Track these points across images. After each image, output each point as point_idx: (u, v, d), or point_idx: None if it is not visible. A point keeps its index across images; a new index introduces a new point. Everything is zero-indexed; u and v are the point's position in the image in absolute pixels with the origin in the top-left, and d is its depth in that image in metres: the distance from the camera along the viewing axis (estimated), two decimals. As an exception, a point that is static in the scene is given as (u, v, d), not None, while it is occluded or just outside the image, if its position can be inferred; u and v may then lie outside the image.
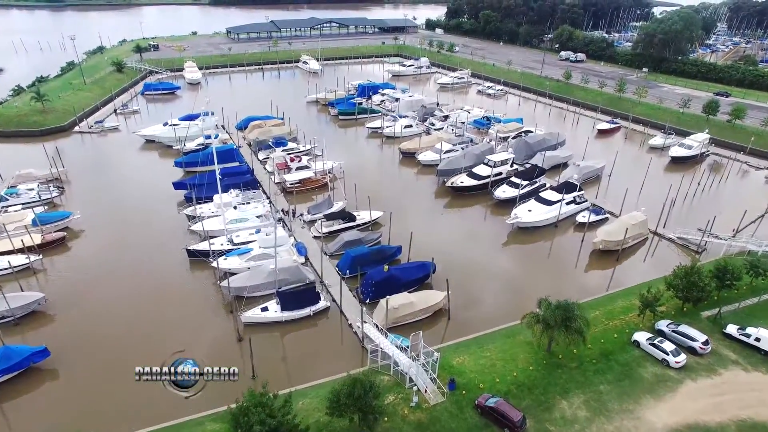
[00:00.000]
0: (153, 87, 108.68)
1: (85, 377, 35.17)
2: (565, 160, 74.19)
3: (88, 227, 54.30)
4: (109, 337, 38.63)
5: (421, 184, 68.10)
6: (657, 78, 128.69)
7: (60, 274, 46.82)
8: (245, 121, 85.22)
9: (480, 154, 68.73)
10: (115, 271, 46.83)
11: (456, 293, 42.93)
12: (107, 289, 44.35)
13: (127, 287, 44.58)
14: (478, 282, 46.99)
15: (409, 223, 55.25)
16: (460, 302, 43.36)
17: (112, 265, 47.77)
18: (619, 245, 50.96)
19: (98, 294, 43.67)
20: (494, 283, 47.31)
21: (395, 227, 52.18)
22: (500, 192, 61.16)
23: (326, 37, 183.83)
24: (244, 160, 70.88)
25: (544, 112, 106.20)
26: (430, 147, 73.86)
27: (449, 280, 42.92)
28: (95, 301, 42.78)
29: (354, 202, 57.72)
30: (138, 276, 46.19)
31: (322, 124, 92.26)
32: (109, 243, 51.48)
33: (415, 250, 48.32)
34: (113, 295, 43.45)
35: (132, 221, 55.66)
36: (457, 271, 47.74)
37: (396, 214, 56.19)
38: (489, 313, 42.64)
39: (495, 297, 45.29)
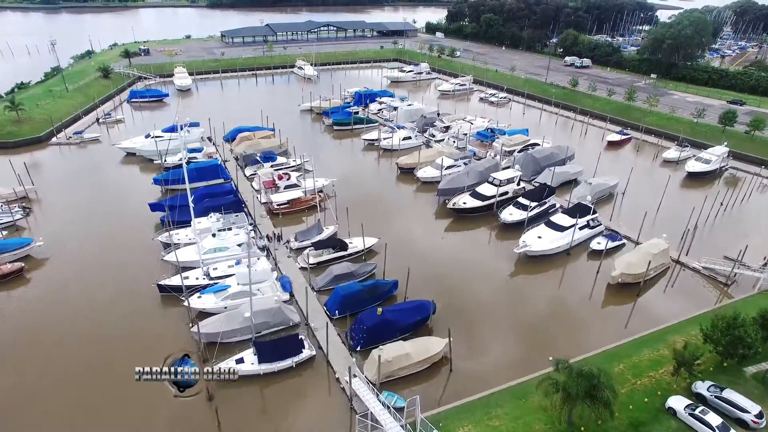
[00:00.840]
0: (139, 94, 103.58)
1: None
2: (575, 176, 69.03)
3: (52, 256, 49.11)
4: (59, 399, 33.44)
5: (420, 203, 62.93)
6: (667, 85, 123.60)
7: (11, 314, 41.64)
8: (233, 132, 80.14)
9: (484, 171, 63.59)
10: (76, 312, 41.58)
11: (458, 337, 37.76)
12: (63, 335, 39.07)
13: (86, 332, 39.35)
14: (482, 323, 41.77)
15: (407, 251, 50.38)
16: (462, 348, 38.17)
17: (73, 303, 42.58)
18: (640, 278, 45.77)
19: (51, 339, 38.46)
20: (501, 324, 42.06)
21: (391, 255, 47.00)
22: (506, 215, 55.98)
23: (323, 40, 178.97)
24: (229, 177, 65.86)
25: (550, 121, 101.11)
26: (430, 162, 68.75)
27: (451, 320, 37.85)
28: (46, 349, 37.58)
29: (346, 227, 52.55)
30: (101, 318, 40.91)
31: (315, 135, 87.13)
32: (73, 276, 46.28)
33: (413, 283, 43.19)
34: (69, 342, 38.23)
35: (103, 248, 50.47)
36: (459, 310, 42.77)
37: (392, 240, 51.00)
38: (496, 363, 37.45)
39: (502, 342, 40.04)
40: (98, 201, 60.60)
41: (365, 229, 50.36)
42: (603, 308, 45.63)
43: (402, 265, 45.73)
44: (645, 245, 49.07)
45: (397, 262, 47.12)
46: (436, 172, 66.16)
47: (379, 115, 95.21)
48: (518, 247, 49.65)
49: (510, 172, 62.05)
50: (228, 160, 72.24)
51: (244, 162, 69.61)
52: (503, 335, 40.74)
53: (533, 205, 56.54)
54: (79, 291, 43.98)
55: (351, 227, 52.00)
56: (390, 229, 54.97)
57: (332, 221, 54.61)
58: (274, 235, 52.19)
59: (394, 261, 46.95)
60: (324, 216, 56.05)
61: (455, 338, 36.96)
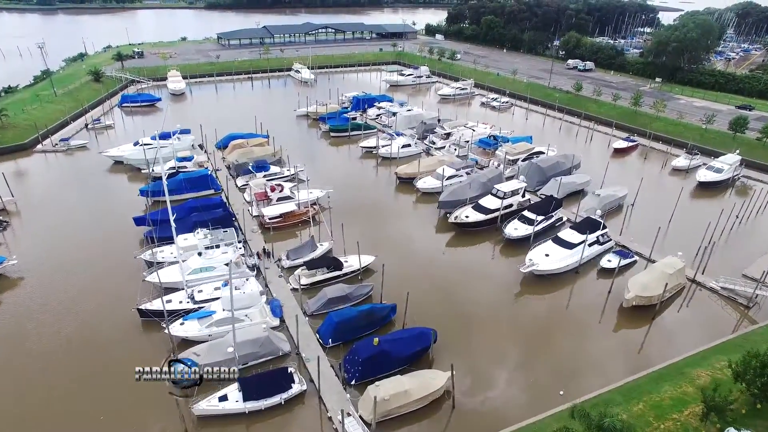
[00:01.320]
0: (131, 99, 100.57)
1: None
2: (582, 186, 66.11)
3: (28, 275, 46.03)
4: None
5: (420, 215, 59.87)
6: (672, 89, 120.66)
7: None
8: (226, 140, 77.06)
9: (487, 183, 60.56)
10: (47, 343, 38.44)
11: (461, 369, 34.74)
12: (34, 362, 36.06)
13: (59, 362, 36.30)
14: (487, 351, 38.73)
15: (406, 270, 47.51)
16: (466, 381, 35.17)
17: (45, 331, 39.42)
18: (656, 301, 42.74)
19: (20, 371, 35.38)
20: (507, 352, 39.01)
21: (390, 274, 44.01)
22: (511, 229, 52.93)
23: (321, 43, 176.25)
24: (220, 188, 62.82)
25: (554, 127, 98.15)
26: (431, 172, 65.74)
27: (453, 348, 35.09)
28: (15, 381, 34.49)
29: (341, 243, 49.48)
30: (75, 350, 37.80)
31: (311, 142, 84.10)
32: (49, 297, 43.15)
33: (413, 306, 40.15)
34: (39, 374, 35.14)
35: (82, 267, 47.37)
36: (461, 337, 39.79)
37: (391, 257, 48.11)
38: (503, 399, 34.42)
39: (509, 373, 36.99)
40: (81, 214, 57.54)
41: (361, 244, 47.30)
42: (615, 332, 42.56)
43: (401, 285, 42.84)
44: (660, 264, 46.02)
45: (396, 282, 44.17)
46: (436, 183, 63.16)
47: (378, 120, 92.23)
48: (524, 266, 46.61)
49: (514, 184, 59.01)
50: (219, 169, 69.17)
51: (236, 171, 66.57)
52: (509, 365, 37.70)
53: (539, 219, 53.50)
54: (52, 317, 40.85)
55: (347, 243, 48.96)
56: (388, 245, 52.04)
57: (327, 237, 51.52)
58: (264, 251, 49.15)
59: (393, 280, 43.98)
60: (318, 230, 53.06)
61: (458, 370, 33.90)
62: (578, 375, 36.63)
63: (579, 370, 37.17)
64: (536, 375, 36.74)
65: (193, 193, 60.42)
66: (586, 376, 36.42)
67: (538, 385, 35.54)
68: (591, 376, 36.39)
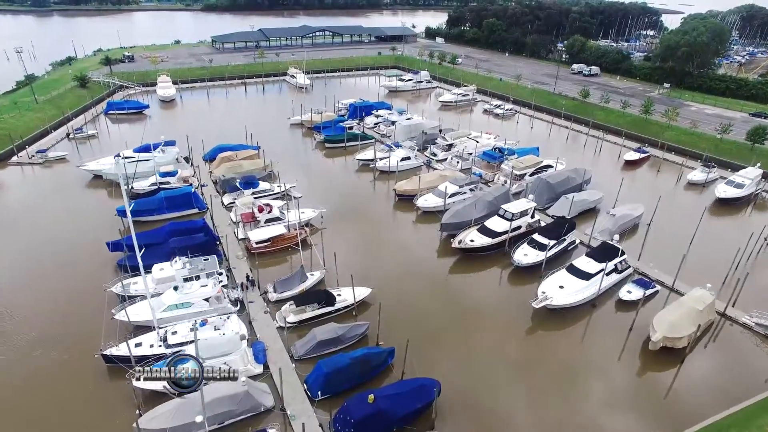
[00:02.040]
0: (117, 106, 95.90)
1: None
2: (595, 204, 61.62)
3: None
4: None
5: (421, 238, 55.21)
6: (682, 95, 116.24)
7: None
8: (214, 151, 72.56)
9: (493, 202, 55.99)
10: (4, 392, 33.85)
11: (468, 427, 30.17)
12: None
13: (6, 417, 31.66)
14: (497, 404, 34.16)
15: (405, 303, 43.01)
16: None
17: (2, 377, 34.87)
18: (686, 342, 38.16)
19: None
20: (518, 404, 34.42)
21: (387, 308, 39.49)
22: (521, 255, 48.34)
23: (318, 46, 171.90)
24: (205, 206, 58.14)
25: (560, 136, 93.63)
26: (432, 188, 61.19)
27: (459, 400, 31.40)
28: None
29: (334, 272, 44.82)
30: (29, 396, 33.22)
31: (304, 154, 79.43)
32: (3, 338, 38.51)
33: (413, 348, 35.50)
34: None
35: (45, 299, 42.77)
36: (469, 387, 35.15)
37: (388, 288, 43.87)
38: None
39: (524, 428, 32.44)
40: (51, 235, 52.82)
41: (357, 271, 43.20)
42: (640, 377, 38.00)
43: (399, 322, 38.62)
44: (688, 298, 41.42)
45: (394, 317, 39.89)
46: (438, 201, 58.60)
47: (376, 130, 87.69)
48: (537, 300, 41.99)
49: (523, 203, 54.40)
50: (205, 184, 64.52)
51: (222, 188, 61.92)
52: (523, 419, 33.09)
53: (551, 243, 48.95)
54: (6, 362, 36.19)
55: (340, 272, 44.31)
56: (385, 273, 47.61)
57: (318, 264, 46.92)
58: (249, 280, 44.57)
59: (391, 315, 39.62)
60: (310, 256, 48.44)
61: (465, 429, 29.35)
62: (601, 427, 32.15)
63: (602, 427, 32.62)
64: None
65: (174, 213, 56.00)
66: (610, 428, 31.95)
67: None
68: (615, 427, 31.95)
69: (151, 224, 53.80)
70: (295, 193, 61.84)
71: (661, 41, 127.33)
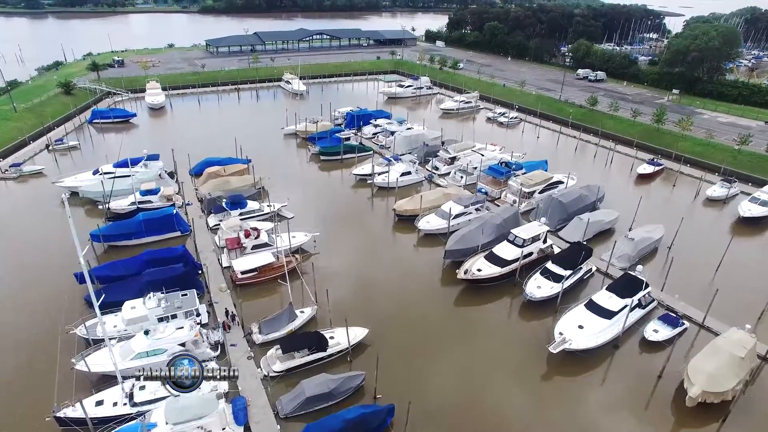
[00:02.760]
0: (102, 115, 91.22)
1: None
2: (610, 225, 57.09)
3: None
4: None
5: (423, 265, 50.46)
6: (693, 102, 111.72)
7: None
8: (201, 166, 67.94)
9: (502, 225, 51.36)
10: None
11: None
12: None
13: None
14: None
15: (406, 346, 38.43)
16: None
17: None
18: (729, 396, 33.49)
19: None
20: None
21: (386, 351, 35.01)
22: (534, 288, 43.69)
23: (315, 50, 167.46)
24: (188, 229, 53.42)
25: (568, 146, 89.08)
26: (434, 208, 56.58)
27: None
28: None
29: (327, 308, 40.17)
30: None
31: (298, 168, 74.74)
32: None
33: (416, 402, 30.89)
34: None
35: (5, 345, 38.03)
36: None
37: (387, 326, 39.49)
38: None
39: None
40: (15, 264, 48.23)
41: (352, 306, 39.42)
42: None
43: (400, 369, 34.07)
44: (725, 342, 36.68)
45: (394, 363, 35.33)
46: (441, 222, 53.98)
47: (374, 140, 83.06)
48: (554, 344, 37.34)
49: (535, 227, 49.72)
50: (190, 203, 59.83)
51: (208, 207, 57.21)
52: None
53: (566, 273, 44.32)
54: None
55: (334, 308, 39.73)
56: (384, 307, 43.13)
57: (309, 298, 42.27)
58: (230, 316, 39.91)
59: (390, 360, 35.07)
60: (301, 288, 43.76)
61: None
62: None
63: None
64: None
65: (154, 237, 51.33)
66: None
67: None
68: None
69: (129, 250, 49.23)
70: (287, 214, 57.29)
71: (669, 46, 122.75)
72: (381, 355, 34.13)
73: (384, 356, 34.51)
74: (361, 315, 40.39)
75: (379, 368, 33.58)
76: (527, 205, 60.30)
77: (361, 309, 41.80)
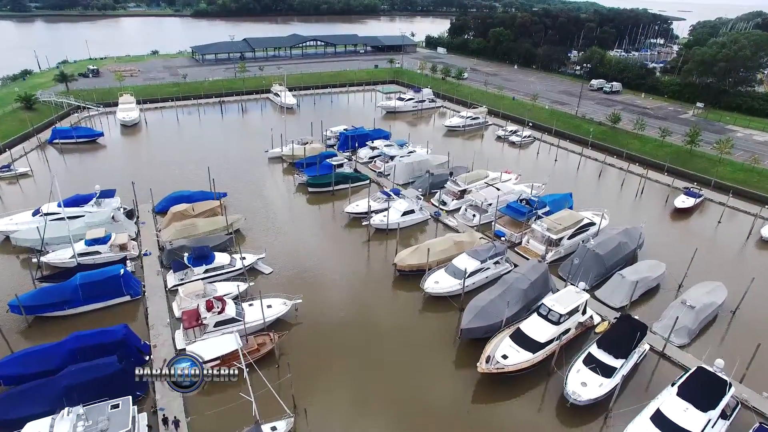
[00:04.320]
0: (64, 134, 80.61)
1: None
2: (657, 281, 46.86)
3: None
4: None
5: (431, 343, 39.89)
6: (722, 117, 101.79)
7: None
8: (168, 202, 57.61)
9: (529, 291, 41.14)
10: None
11: None
12: None
13: None
14: None
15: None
16: None
17: None
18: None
19: None
20: None
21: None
22: (577, 385, 33.41)
23: (309, 57, 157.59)
24: (140, 292, 43.07)
25: (589, 171, 78.96)
26: (443, 262, 46.37)
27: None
28: None
29: (306, 417, 29.87)
30: None
31: (283, 201, 64.23)
32: None
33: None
34: None
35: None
36: None
37: None
38: None
39: None
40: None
41: (348, 402, 29.23)
42: None
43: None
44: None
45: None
46: (452, 282, 43.71)
47: (371, 166, 72.78)
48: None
49: (572, 296, 39.40)
50: (148, 253, 49.39)
51: (167, 260, 46.77)
52: None
53: (619, 364, 34.12)
54: None
55: (322, 411, 29.43)
56: (385, 404, 32.70)
57: (283, 409, 31.78)
58: (166, 422, 29.65)
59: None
60: (277, 389, 33.31)
61: None
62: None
63: None
64: None
65: (95, 305, 40.98)
66: None
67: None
68: None
69: (60, 325, 38.95)
70: (263, 268, 47.04)
71: (695, 54, 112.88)
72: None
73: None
74: (356, 417, 30.16)
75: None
76: (554, 254, 50.14)
77: (357, 405, 31.65)
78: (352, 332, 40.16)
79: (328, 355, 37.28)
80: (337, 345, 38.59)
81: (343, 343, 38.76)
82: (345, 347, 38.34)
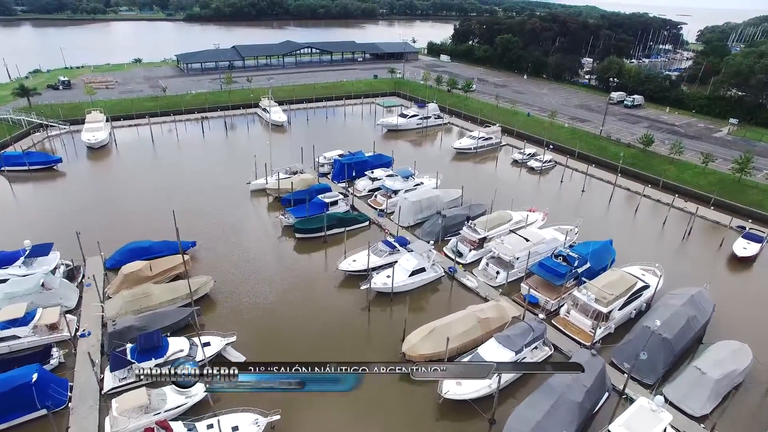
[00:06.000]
0: (14, 160, 69.57)
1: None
2: (743, 376, 36.13)
3: None
4: None
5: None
6: (763, 136, 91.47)
7: None
8: (123, 255, 46.75)
9: (585, 401, 30.54)
10: None
11: None
12: None
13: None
14: None
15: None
16: None
17: None
18: None
19: None
20: None
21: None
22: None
23: (303, 66, 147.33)
24: (65, 401, 32.23)
25: (623, 205, 68.40)
26: (466, 349, 35.72)
27: None
28: None
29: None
30: None
31: (265, 250, 53.27)
32: None
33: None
34: None
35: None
36: None
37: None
38: None
39: None
40: None
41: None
42: None
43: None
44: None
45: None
46: (481, 384, 32.93)
47: (373, 202, 62.10)
48: None
49: (647, 416, 28.67)
50: (86, 333, 38.52)
51: (109, 349, 35.89)
52: None
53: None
54: None
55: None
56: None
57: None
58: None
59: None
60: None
61: None
62: None
63: None
64: None
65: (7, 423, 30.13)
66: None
67: None
68: None
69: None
70: (232, 355, 36.26)
71: (728, 65, 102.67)
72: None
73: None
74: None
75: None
76: (604, 330, 39.53)
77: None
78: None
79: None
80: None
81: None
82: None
